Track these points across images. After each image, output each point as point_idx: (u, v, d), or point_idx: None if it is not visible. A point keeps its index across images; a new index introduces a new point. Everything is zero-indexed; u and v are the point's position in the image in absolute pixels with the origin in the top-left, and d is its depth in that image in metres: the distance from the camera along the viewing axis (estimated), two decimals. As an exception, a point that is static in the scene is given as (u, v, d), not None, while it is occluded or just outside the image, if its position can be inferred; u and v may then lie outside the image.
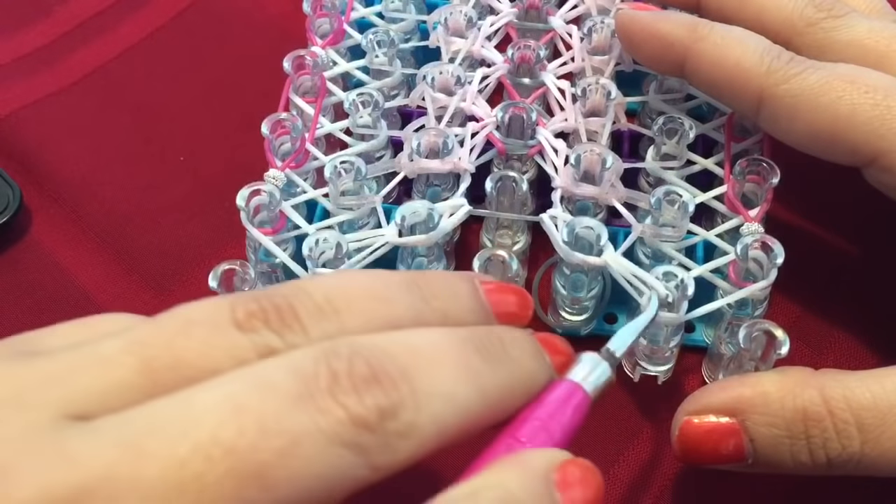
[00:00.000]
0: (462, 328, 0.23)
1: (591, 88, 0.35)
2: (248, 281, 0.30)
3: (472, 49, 0.38)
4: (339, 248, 0.31)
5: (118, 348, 0.21)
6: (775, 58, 0.31)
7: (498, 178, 0.33)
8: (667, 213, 0.32)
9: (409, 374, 0.21)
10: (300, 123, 0.34)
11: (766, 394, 0.27)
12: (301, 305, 0.22)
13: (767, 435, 0.27)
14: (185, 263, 0.38)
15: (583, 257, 0.31)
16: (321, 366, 0.21)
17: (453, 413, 0.22)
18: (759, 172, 0.33)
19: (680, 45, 0.32)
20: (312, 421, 0.20)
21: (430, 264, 0.33)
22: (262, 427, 0.20)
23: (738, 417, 0.27)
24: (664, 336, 0.31)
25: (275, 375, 0.21)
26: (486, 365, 0.23)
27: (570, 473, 0.22)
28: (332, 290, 0.23)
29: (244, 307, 0.22)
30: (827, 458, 0.27)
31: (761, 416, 0.27)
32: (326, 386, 0.20)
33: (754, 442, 0.27)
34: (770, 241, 0.30)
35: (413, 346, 0.22)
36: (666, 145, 0.35)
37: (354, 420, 0.20)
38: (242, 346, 0.21)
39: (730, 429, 0.28)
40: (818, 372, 0.28)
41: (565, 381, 0.24)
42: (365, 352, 0.21)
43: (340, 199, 0.33)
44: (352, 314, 0.23)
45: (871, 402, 0.27)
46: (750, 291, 0.31)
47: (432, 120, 0.36)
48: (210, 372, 0.21)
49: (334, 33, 0.39)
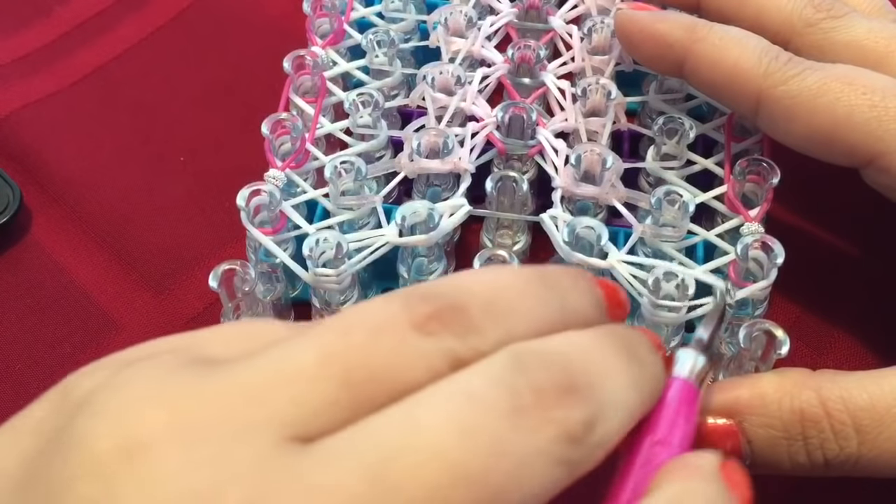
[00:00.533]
0: (602, 328, 0.23)
1: (591, 88, 0.35)
2: (249, 281, 0.30)
3: (472, 49, 0.38)
4: (339, 248, 0.31)
5: (313, 361, 0.20)
6: (773, 59, 0.31)
7: (498, 178, 0.33)
8: (667, 213, 0.32)
9: (595, 382, 0.21)
10: (300, 123, 0.34)
11: (764, 395, 0.27)
12: (471, 306, 0.21)
13: (765, 436, 0.27)
14: (185, 263, 0.38)
15: (584, 258, 0.31)
16: (519, 377, 0.20)
17: (628, 419, 0.22)
18: (759, 172, 0.33)
19: (679, 45, 0.32)
20: (531, 439, 0.20)
21: (430, 264, 0.33)
22: (490, 449, 0.19)
23: (735, 419, 0.27)
24: (665, 336, 0.31)
25: (482, 391, 0.20)
26: (637, 368, 0.22)
27: (732, 472, 0.22)
28: (489, 289, 0.22)
29: (419, 309, 0.21)
30: (825, 459, 0.27)
31: (759, 417, 0.27)
32: (534, 401, 0.20)
33: (752, 443, 0.27)
34: (770, 241, 0.30)
35: (586, 351, 0.22)
36: (666, 145, 0.35)
37: (566, 436, 0.20)
38: (431, 355, 0.20)
39: (727, 430, 0.27)
40: (816, 373, 0.28)
41: (677, 378, 0.24)
42: (554, 360, 0.21)
43: (341, 199, 0.33)
44: (516, 316, 0.22)
45: (869, 403, 0.27)
46: (750, 291, 0.31)
47: (432, 120, 0.36)
48: (409, 384, 0.20)
49: (334, 33, 0.39)
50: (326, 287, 0.32)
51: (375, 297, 0.22)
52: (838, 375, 0.28)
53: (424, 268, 0.33)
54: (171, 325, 0.35)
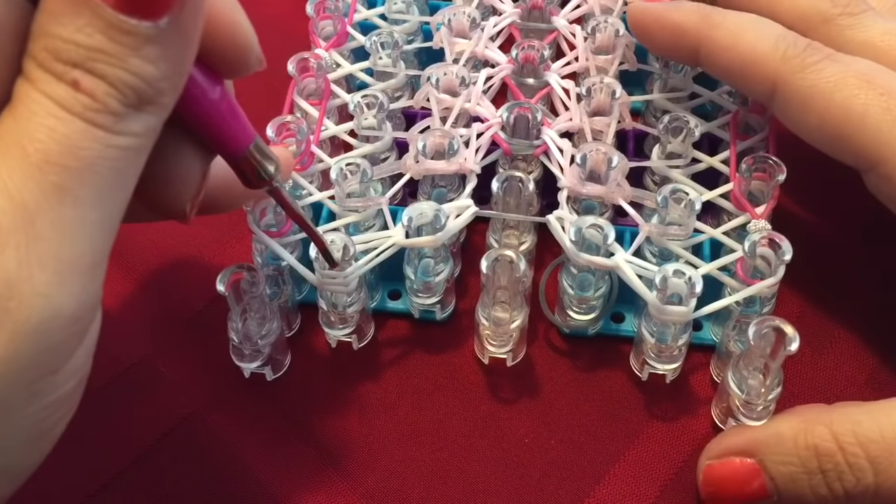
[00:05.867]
0: None
1: (595, 88, 0.35)
2: (256, 284, 0.30)
3: (475, 50, 0.38)
4: (346, 250, 0.31)
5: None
6: (791, 44, 0.31)
7: (504, 178, 0.33)
8: (673, 211, 0.32)
9: None
10: (305, 126, 0.34)
11: (780, 434, 0.29)
12: None
13: (785, 472, 0.28)
14: (185, 263, 0.37)
15: (591, 258, 0.31)
16: None
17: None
18: (765, 170, 0.33)
19: (694, 32, 0.32)
20: None
21: (437, 265, 0.33)
22: None
23: (756, 458, 0.29)
24: (672, 334, 0.31)
25: None
26: None
27: None
28: None
29: None
30: (844, 491, 0.28)
31: (777, 455, 0.28)
32: None
33: (774, 480, 0.29)
34: (778, 238, 0.30)
35: None
36: (671, 144, 0.35)
37: None
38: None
39: (751, 469, 0.29)
40: (830, 407, 0.29)
41: None
42: None
43: (346, 200, 0.33)
44: None
45: (879, 434, 0.27)
46: (758, 289, 0.31)
47: (437, 121, 0.35)
48: None
49: (338, 35, 0.39)
50: (333, 289, 0.31)
51: None
52: (851, 408, 0.29)
53: (431, 269, 0.33)
54: (172, 325, 0.35)
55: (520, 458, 0.32)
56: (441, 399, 0.33)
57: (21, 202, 0.19)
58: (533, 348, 0.35)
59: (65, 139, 0.20)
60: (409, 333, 0.35)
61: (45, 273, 0.19)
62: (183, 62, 0.21)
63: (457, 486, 0.31)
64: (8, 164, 0.19)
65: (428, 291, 0.33)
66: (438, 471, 0.32)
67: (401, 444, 0.32)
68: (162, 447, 0.32)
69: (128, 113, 0.20)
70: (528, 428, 0.33)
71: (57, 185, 0.20)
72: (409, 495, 0.31)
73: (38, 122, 0.20)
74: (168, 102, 0.21)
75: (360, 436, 0.32)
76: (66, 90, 0.20)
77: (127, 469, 0.32)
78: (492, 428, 0.33)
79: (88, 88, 0.20)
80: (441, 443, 0.32)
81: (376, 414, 0.33)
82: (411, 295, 0.34)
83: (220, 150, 0.25)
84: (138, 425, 0.33)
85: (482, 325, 0.32)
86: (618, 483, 0.32)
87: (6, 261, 0.19)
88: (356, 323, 0.33)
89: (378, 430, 0.33)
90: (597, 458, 0.32)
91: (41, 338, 0.20)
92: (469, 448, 0.32)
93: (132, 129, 0.21)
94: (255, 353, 0.32)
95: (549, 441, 0.32)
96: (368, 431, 0.33)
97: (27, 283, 0.19)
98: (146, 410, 0.33)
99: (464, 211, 0.33)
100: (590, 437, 0.33)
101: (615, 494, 0.31)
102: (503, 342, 0.33)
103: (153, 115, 0.21)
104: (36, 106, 0.20)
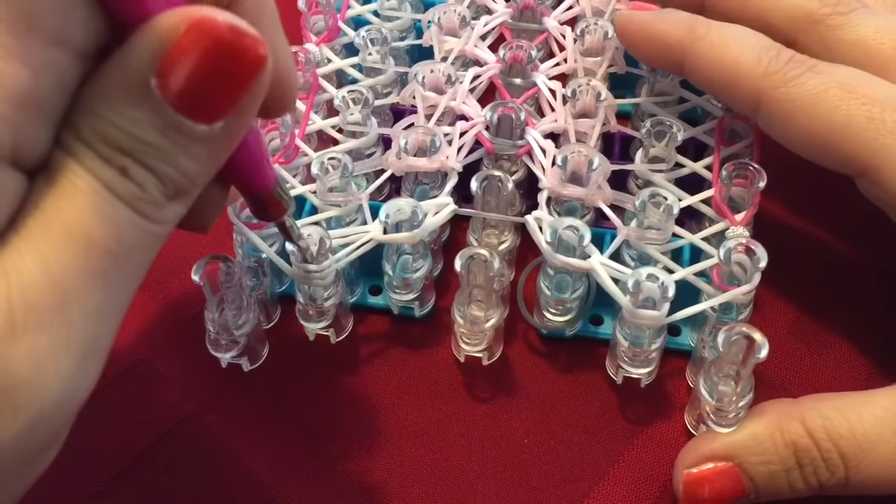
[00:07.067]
0: None
1: (581, 90, 0.35)
2: (233, 275, 0.31)
3: (464, 48, 0.38)
4: (322, 243, 0.31)
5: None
6: (773, 58, 0.30)
7: (484, 177, 0.33)
8: (652, 215, 0.32)
9: None
10: (290, 119, 0.35)
11: (756, 434, 0.29)
12: None
13: (765, 472, 0.29)
14: (182, 263, 0.38)
15: (566, 259, 0.31)
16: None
17: None
18: (746, 176, 0.33)
19: (678, 44, 0.32)
20: None
21: (415, 262, 0.33)
22: None
23: (734, 461, 0.29)
24: (647, 338, 0.31)
25: None
26: None
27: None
28: None
29: None
30: (819, 483, 0.29)
31: (755, 455, 0.29)
32: None
33: (753, 479, 0.29)
34: (753, 245, 0.30)
35: None
36: (654, 148, 0.35)
37: None
38: None
39: (728, 472, 0.29)
40: (797, 401, 0.30)
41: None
42: None
43: (327, 195, 0.33)
44: None
45: (849, 431, 0.28)
46: (733, 295, 0.30)
47: (422, 118, 0.36)
48: None
49: (329, 30, 0.39)
50: (310, 282, 0.32)
51: None
52: (819, 402, 0.29)
53: (409, 265, 0.33)
54: (172, 325, 0.36)
55: (519, 458, 0.32)
56: (434, 399, 0.34)
57: (60, 283, 0.19)
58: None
59: (111, 224, 0.19)
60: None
61: (71, 358, 0.19)
62: (222, 160, 0.22)
63: (456, 487, 0.32)
64: (49, 243, 0.19)
65: (406, 288, 0.34)
66: (438, 471, 0.32)
67: (400, 444, 0.32)
68: (162, 447, 0.32)
69: (166, 203, 0.21)
70: (528, 429, 0.33)
71: (96, 269, 0.19)
72: (409, 495, 0.31)
73: (86, 203, 0.19)
74: (198, 192, 0.22)
75: (358, 435, 0.33)
76: (115, 175, 0.19)
77: (127, 469, 0.32)
78: (490, 429, 0.33)
79: (138, 179, 0.20)
80: (441, 442, 0.33)
81: (376, 412, 0.33)
82: (389, 291, 0.34)
83: (249, 188, 0.26)
84: (138, 425, 0.33)
85: (458, 322, 0.32)
86: (617, 484, 0.32)
87: (40, 343, 0.18)
88: (333, 316, 0.33)
89: (378, 428, 0.33)
90: (597, 458, 0.32)
91: (52, 422, 0.19)
92: (468, 448, 0.33)
93: (167, 217, 0.21)
94: (232, 344, 0.32)
95: (549, 441, 0.33)
96: (368, 430, 0.33)
97: (54, 366, 0.19)
98: (146, 410, 0.33)
99: (443, 208, 0.33)
100: (587, 437, 0.33)
101: (614, 495, 0.31)
102: (478, 341, 0.33)
103: (185, 204, 0.21)
104: (84, 185, 0.19)
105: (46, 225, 0.19)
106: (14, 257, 0.18)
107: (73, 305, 0.19)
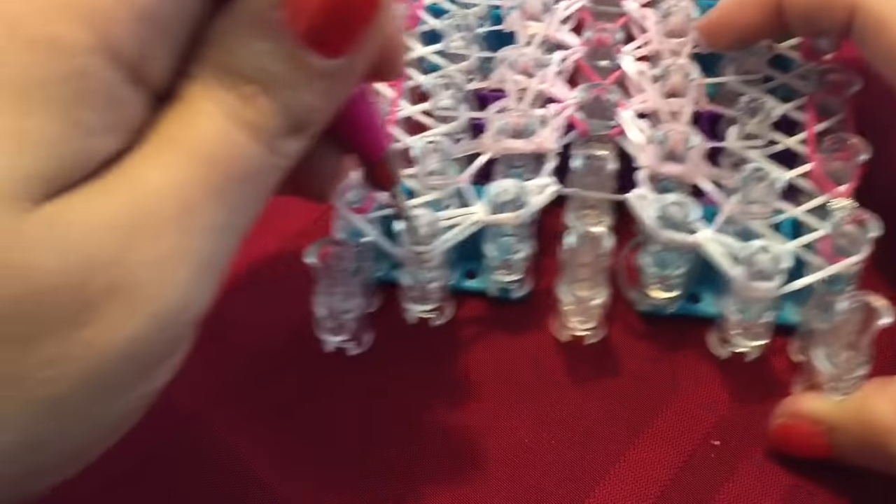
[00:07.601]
0: None
1: (671, 69, 0.35)
2: (345, 259, 0.31)
3: (548, 33, 0.38)
4: (432, 225, 0.31)
5: None
6: None
7: (586, 157, 0.33)
8: (755, 190, 0.32)
9: None
10: (385, 106, 0.35)
11: (843, 409, 0.29)
12: None
13: (846, 441, 0.30)
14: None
15: (674, 236, 0.31)
16: None
17: None
18: (846, 149, 0.33)
19: None
20: None
21: (518, 244, 0.33)
22: None
23: (822, 426, 0.30)
24: (758, 311, 0.31)
25: None
26: None
27: None
28: None
29: None
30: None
31: (842, 432, 0.29)
32: None
33: (838, 448, 0.30)
34: (864, 215, 0.30)
35: None
36: (749, 125, 0.35)
37: None
38: None
39: (818, 435, 0.30)
40: (892, 380, 0.29)
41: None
42: None
43: (427, 178, 0.33)
44: None
45: None
46: (844, 266, 0.31)
47: (513, 102, 0.36)
48: None
49: (408, 18, 0.39)
50: (420, 264, 0.32)
51: None
52: None
53: (510, 247, 0.33)
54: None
55: (520, 458, 0.32)
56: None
57: (181, 194, 0.19)
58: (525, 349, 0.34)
59: (233, 146, 0.20)
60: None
61: (186, 268, 0.20)
62: (343, 97, 0.22)
63: (456, 487, 0.31)
64: (172, 157, 0.19)
65: (508, 269, 0.34)
66: (436, 472, 0.32)
67: (399, 443, 0.32)
68: (162, 447, 0.32)
69: (286, 135, 0.21)
70: (528, 428, 0.33)
71: (217, 187, 0.20)
72: (410, 495, 0.31)
73: (210, 125, 0.20)
74: (319, 130, 0.22)
75: (356, 435, 0.32)
76: (238, 102, 0.20)
77: (127, 470, 0.31)
78: (492, 428, 0.33)
79: (261, 107, 0.20)
80: (440, 442, 0.32)
81: (374, 410, 0.33)
82: (490, 273, 0.34)
83: (363, 150, 0.26)
84: (139, 426, 0.32)
85: (563, 301, 0.32)
86: (618, 483, 0.31)
87: (159, 248, 0.19)
88: (438, 300, 0.33)
89: (377, 426, 0.33)
90: (597, 458, 0.32)
91: (169, 328, 0.20)
92: (469, 449, 0.32)
93: (286, 150, 0.21)
94: (339, 328, 0.32)
95: (549, 441, 0.32)
96: (365, 429, 0.33)
97: (171, 273, 0.19)
98: (146, 411, 0.33)
99: (545, 189, 0.33)
100: (588, 436, 0.33)
101: (615, 495, 0.31)
102: (586, 319, 0.33)
103: (305, 141, 0.22)
104: (208, 108, 0.20)
105: (171, 140, 0.20)
106: (138, 165, 0.19)
107: (193, 218, 0.19)
